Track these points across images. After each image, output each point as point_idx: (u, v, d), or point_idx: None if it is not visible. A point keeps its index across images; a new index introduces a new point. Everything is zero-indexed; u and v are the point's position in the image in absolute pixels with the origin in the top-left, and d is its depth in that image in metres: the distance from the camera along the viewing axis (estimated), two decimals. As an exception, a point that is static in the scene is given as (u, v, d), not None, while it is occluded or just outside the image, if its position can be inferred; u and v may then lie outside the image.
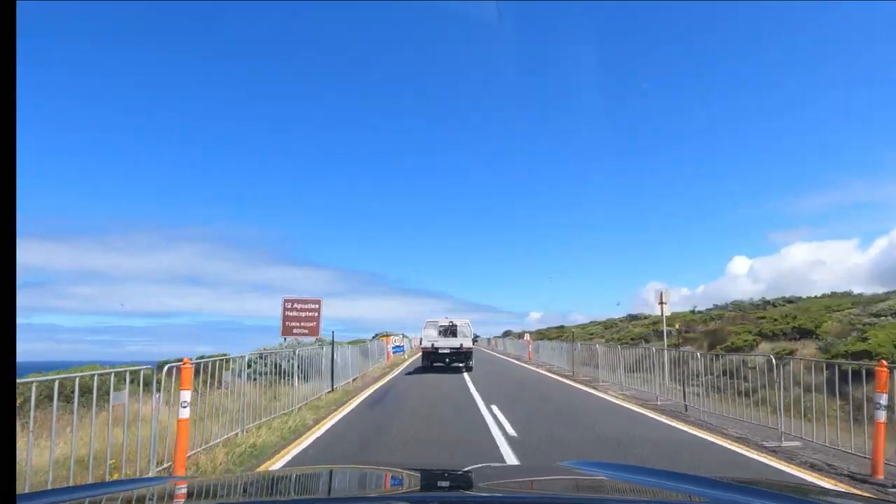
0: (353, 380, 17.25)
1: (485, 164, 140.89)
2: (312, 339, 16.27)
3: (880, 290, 24.89)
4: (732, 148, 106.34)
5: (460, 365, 21.23)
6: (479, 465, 2.26)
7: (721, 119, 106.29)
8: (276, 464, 7.15)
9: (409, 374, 21.05)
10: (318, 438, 8.67)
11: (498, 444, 8.04)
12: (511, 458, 7.18)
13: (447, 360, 21.35)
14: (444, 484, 1.99)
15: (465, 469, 2.11)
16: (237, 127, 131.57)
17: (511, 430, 9.01)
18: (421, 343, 22.65)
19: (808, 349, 16.65)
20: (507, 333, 73.39)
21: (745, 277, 78.07)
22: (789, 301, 29.01)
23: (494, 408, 11.48)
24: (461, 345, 21.45)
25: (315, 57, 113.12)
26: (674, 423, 9.83)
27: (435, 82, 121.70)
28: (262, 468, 6.93)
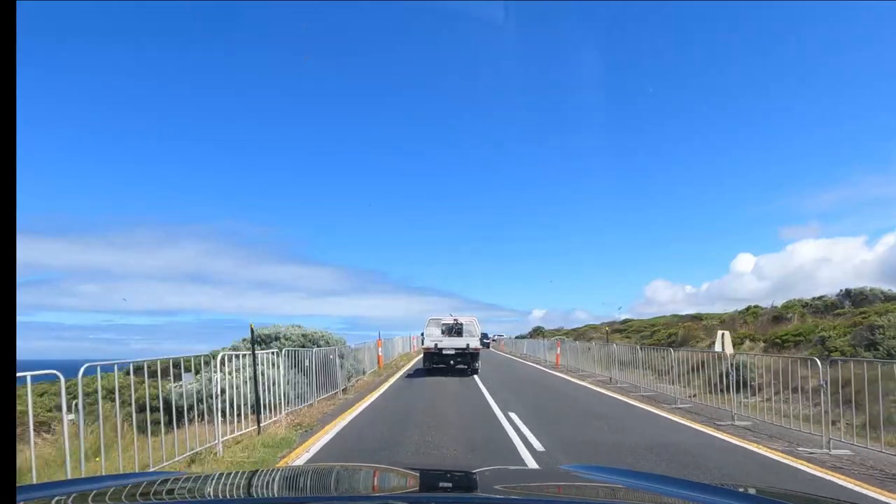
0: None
1: (489, 162, 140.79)
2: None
3: (886, 287, 23.76)
4: (741, 145, 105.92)
5: (464, 367, 20.21)
6: (484, 468, 2.25)
7: (728, 116, 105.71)
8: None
9: None
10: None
11: None
12: None
13: (451, 361, 20.21)
14: (447, 485, 2.00)
15: (470, 470, 2.10)
16: (241, 124, 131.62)
17: None
18: (423, 343, 21.45)
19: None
20: (538, 331, 60.55)
21: (750, 275, 77.33)
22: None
23: None
24: (467, 345, 20.27)
25: (318, 55, 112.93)
26: None
27: (440, 81, 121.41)
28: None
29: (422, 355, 22.96)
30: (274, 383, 10.28)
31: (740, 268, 77.90)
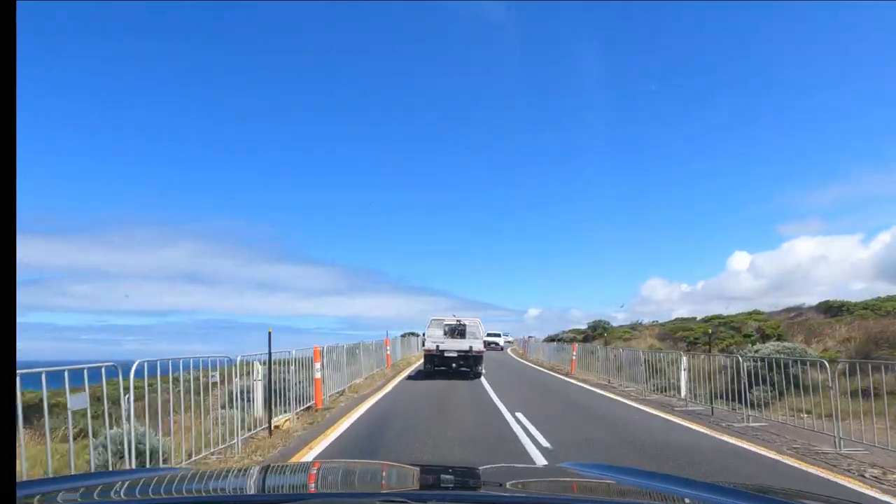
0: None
1: (484, 161, 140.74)
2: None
3: (882, 286, 22.77)
4: (739, 142, 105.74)
5: (467, 370, 19.53)
6: (487, 465, 2.25)
7: (726, 114, 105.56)
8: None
9: None
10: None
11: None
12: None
13: (453, 364, 19.46)
14: (450, 482, 2.00)
15: (473, 467, 2.10)
16: (237, 123, 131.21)
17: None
18: (424, 344, 20.56)
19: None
20: (602, 329, 40.57)
21: (746, 273, 76.95)
22: None
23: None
24: (470, 347, 19.36)
25: (318, 54, 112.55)
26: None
27: (438, 81, 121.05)
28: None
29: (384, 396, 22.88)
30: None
31: (736, 266, 77.71)
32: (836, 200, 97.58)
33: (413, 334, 36.97)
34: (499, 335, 44.58)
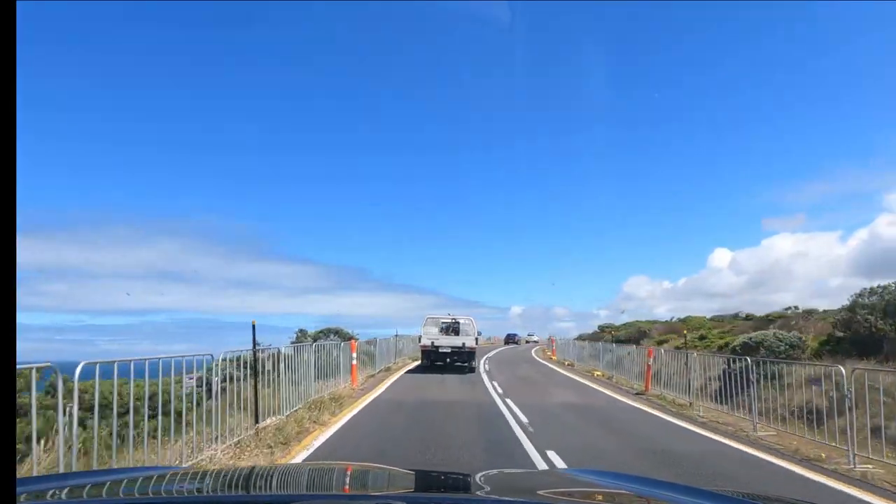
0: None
1: (470, 161, 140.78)
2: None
3: (863, 282, 21.47)
4: (731, 141, 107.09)
5: (463, 365, 20.63)
6: (483, 471, 2.29)
7: (717, 112, 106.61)
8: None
9: None
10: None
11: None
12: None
13: (448, 359, 20.73)
14: (442, 486, 2.02)
15: (468, 473, 2.13)
16: (220, 118, 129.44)
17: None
18: (420, 341, 21.88)
19: None
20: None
21: (727, 270, 77.67)
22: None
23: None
24: (463, 343, 20.72)
25: (313, 53, 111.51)
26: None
27: (430, 81, 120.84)
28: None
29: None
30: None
31: (717, 263, 78.40)
32: (820, 197, 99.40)
33: (349, 338, 20.97)
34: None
